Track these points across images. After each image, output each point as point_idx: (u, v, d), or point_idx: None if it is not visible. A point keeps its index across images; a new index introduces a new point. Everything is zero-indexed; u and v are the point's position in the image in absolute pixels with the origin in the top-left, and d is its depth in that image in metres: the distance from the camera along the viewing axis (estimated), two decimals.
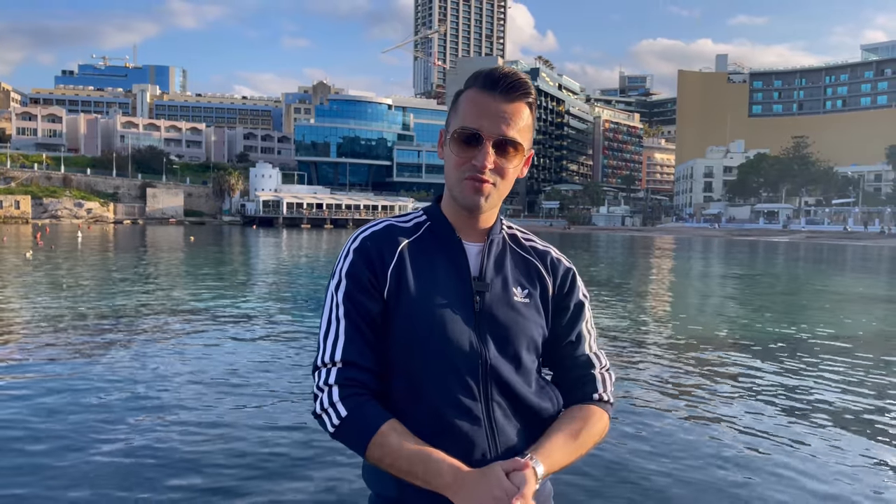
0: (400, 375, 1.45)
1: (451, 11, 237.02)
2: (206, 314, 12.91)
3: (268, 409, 6.66)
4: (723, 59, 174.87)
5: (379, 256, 1.47)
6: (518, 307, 1.50)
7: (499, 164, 1.43)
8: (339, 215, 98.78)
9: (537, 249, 1.61)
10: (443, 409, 1.42)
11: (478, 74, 1.47)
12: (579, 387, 1.56)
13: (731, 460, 5.42)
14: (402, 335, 1.44)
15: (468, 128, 1.42)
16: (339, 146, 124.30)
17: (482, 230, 1.54)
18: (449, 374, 1.43)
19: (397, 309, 1.45)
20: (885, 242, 65.70)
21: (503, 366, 1.46)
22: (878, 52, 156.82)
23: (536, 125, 22.46)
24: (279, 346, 10.01)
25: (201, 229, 71.53)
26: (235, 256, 33.49)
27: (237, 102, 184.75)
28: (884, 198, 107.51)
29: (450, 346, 1.43)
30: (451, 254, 1.51)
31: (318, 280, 21.04)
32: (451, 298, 1.46)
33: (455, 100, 1.50)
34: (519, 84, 1.43)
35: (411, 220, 1.58)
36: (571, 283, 1.60)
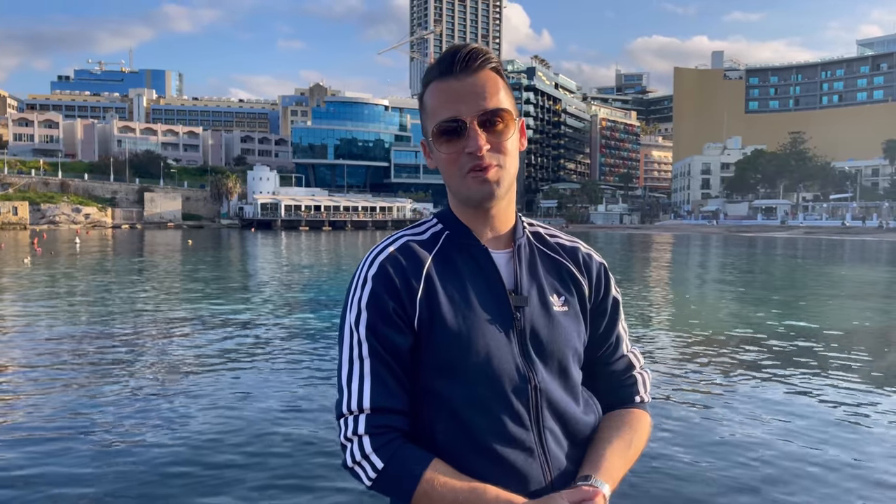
0: (441, 409, 1.30)
1: (447, 12, 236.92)
2: (207, 320, 12.89)
3: (281, 416, 6.64)
4: (718, 55, 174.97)
5: (404, 282, 1.31)
6: (559, 318, 1.37)
7: (493, 142, 1.29)
8: (337, 217, 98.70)
9: (565, 247, 1.48)
10: (493, 442, 1.28)
11: (432, 67, 1.33)
12: (621, 390, 1.48)
13: (756, 459, 5.41)
14: (442, 366, 1.30)
15: (445, 119, 1.28)
16: (337, 148, 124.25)
17: (505, 233, 1.40)
18: (497, 405, 1.29)
19: (431, 338, 1.29)
20: (884, 237, 65.76)
21: (552, 386, 1.34)
22: (873, 47, 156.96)
23: (533, 124, 22.41)
24: (286, 353, 10.00)
25: (199, 233, 71.47)
26: (234, 260, 33.47)
27: (234, 105, 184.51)
28: (881, 192, 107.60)
29: (496, 373, 1.29)
30: (480, 267, 1.36)
31: (319, 283, 21.02)
32: (491, 319, 1.31)
33: (421, 102, 1.37)
34: (475, 54, 1.30)
35: (426, 229, 1.42)
36: (606, 282, 1.48)
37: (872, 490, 4.87)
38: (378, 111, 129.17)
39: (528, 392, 1.30)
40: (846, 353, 9.88)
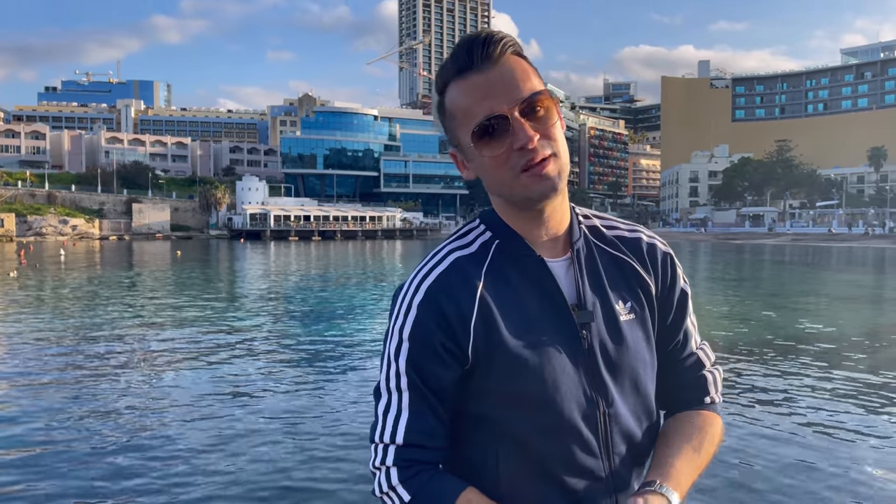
0: (503, 437, 1.21)
1: (436, 22, 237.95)
2: (196, 333, 12.81)
3: (276, 431, 6.60)
4: (705, 64, 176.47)
5: (456, 310, 1.18)
6: (627, 329, 1.25)
7: (541, 131, 1.13)
8: (327, 227, 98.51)
9: (626, 239, 1.32)
10: (560, 472, 1.20)
11: (445, 66, 1.18)
12: (690, 391, 1.34)
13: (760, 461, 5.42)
14: (503, 394, 1.19)
15: (483, 118, 1.13)
16: (326, 158, 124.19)
17: (561, 235, 1.25)
18: (564, 433, 1.19)
19: (490, 366, 1.18)
20: (870, 243, 66.31)
21: (624, 409, 1.23)
22: (857, 56, 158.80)
23: None
24: (282, 366, 9.95)
25: (188, 244, 71.12)
26: (223, 272, 33.31)
27: (222, 116, 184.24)
28: (867, 199, 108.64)
29: (562, 400, 1.19)
30: (538, 282, 1.22)
31: (307, 295, 20.95)
32: (554, 340, 1.20)
33: (441, 108, 1.21)
34: (493, 40, 1.15)
35: (473, 239, 1.26)
36: (672, 273, 1.32)
37: (850, 492, 4.89)
38: (367, 121, 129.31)
39: (598, 418, 1.21)
40: (835, 355, 9.94)
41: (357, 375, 9.11)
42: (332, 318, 14.74)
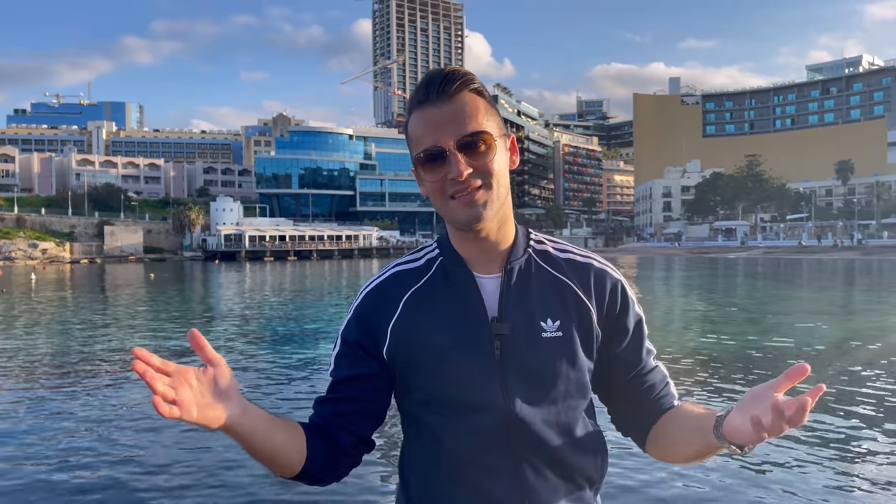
0: (420, 434, 1.34)
1: (409, 41, 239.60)
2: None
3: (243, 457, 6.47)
4: (675, 81, 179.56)
5: (377, 313, 1.33)
6: (549, 345, 1.29)
7: (476, 165, 1.24)
8: (302, 247, 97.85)
9: (575, 263, 1.38)
10: (469, 474, 1.28)
11: (411, 96, 1.31)
12: (662, 399, 1.40)
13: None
14: (416, 393, 1.31)
15: (425, 148, 1.25)
16: (301, 177, 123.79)
17: (497, 255, 1.34)
18: (471, 435, 1.27)
19: (407, 366, 1.31)
20: (838, 255, 67.54)
21: (536, 419, 1.27)
22: (822, 72, 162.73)
23: None
24: (255, 389, 9.80)
25: (162, 266, 70.22)
26: (198, 293, 32.91)
27: (196, 137, 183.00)
28: (835, 212, 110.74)
29: (469, 404, 1.27)
30: (463, 294, 1.32)
31: (282, 316, 20.77)
32: (466, 348, 1.28)
33: (406, 132, 1.33)
34: (451, 77, 1.26)
35: (423, 256, 1.41)
36: (623, 299, 1.37)
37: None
38: (342, 140, 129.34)
39: (506, 424, 1.26)
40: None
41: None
42: (305, 338, 14.60)
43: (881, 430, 7.01)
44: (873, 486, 5.37)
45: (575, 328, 1.32)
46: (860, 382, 9.24)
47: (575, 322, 1.32)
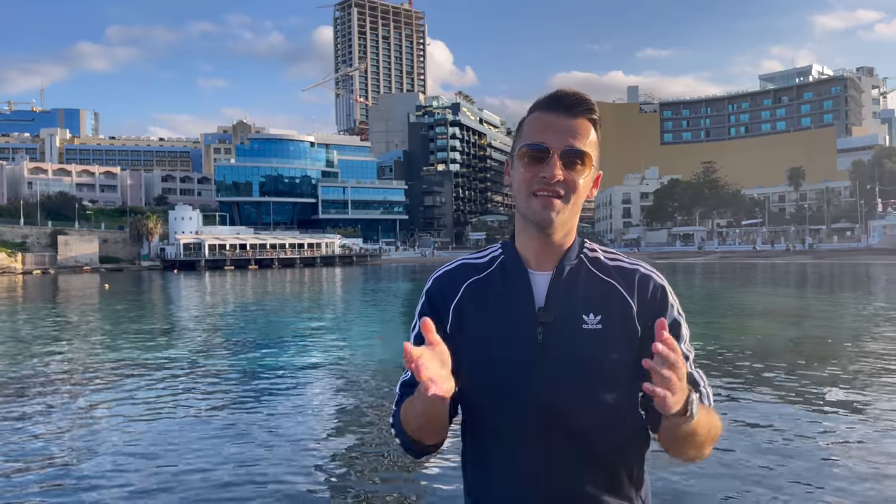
0: (467, 407, 1.50)
1: (371, 49, 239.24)
2: (123, 367, 12.38)
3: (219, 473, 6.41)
4: (634, 90, 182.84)
5: (443, 295, 1.52)
6: (589, 336, 1.43)
7: (568, 178, 1.40)
8: (263, 255, 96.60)
9: (623, 269, 1.52)
10: (501, 448, 1.44)
11: (540, 99, 1.47)
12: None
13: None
14: (464, 373, 1.43)
15: (534, 142, 1.41)
16: (262, 185, 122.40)
17: (554, 257, 1.50)
18: (508, 414, 1.42)
19: (460, 346, 1.44)
20: (791, 259, 69.43)
21: (568, 401, 1.40)
22: (774, 81, 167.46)
23: (459, 158, 22.87)
24: (206, 399, 9.69)
25: (118, 276, 68.69)
26: (155, 303, 32.31)
27: (154, 144, 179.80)
28: (787, 217, 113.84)
29: (507, 383, 1.42)
30: (515, 286, 1.49)
31: (241, 324, 20.55)
32: (512, 333, 1.44)
33: (519, 125, 1.50)
34: (581, 100, 1.43)
35: (487, 254, 1.58)
36: (662, 301, 1.49)
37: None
38: (304, 147, 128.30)
39: (538, 404, 1.40)
40: (764, 366, 10.31)
41: (291, 405, 8.97)
42: (266, 348, 14.48)
43: (832, 418, 7.27)
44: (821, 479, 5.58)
45: (616, 324, 1.44)
46: (814, 378, 9.55)
47: (616, 318, 1.44)
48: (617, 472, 1.44)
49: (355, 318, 22.71)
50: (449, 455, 5.75)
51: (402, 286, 42.48)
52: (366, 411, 8.64)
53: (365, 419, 8.22)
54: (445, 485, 5.69)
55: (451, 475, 5.82)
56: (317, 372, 11.59)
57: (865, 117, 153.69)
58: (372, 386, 10.25)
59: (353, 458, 6.66)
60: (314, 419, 8.23)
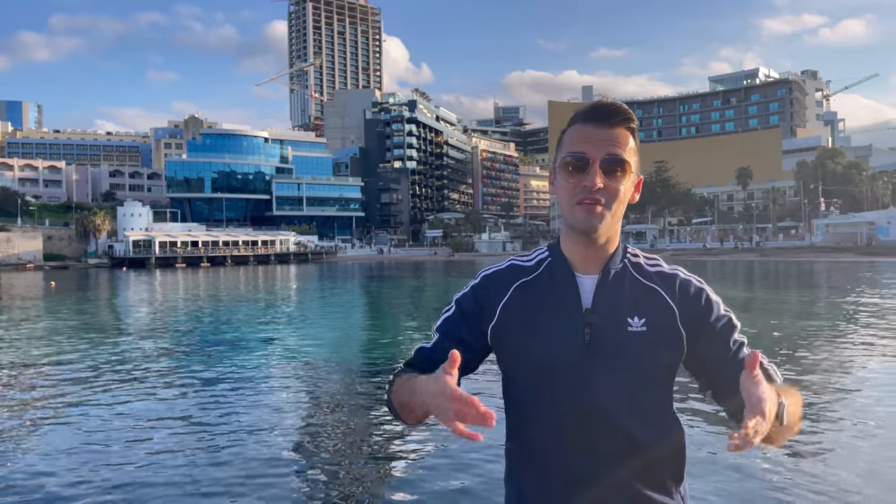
0: (510, 401, 1.57)
1: (326, 44, 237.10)
2: (68, 370, 11.97)
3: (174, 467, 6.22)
4: (588, 90, 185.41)
5: (490, 294, 1.58)
6: (633, 337, 1.49)
7: (609, 185, 1.46)
8: (216, 252, 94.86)
9: (663, 274, 1.58)
10: (546, 442, 1.49)
11: (578, 112, 1.53)
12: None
13: None
14: (513, 369, 1.53)
15: (574, 152, 1.47)
16: (214, 181, 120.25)
17: (600, 261, 1.55)
18: (553, 409, 1.48)
19: (506, 344, 1.53)
20: (739, 257, 71.36)
21: (614, 400, 1.46)
22: (723, 83, 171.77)
23: (416, 155, 22.86)
24: (161, 405, 9.43)
25: (64, 274, 66.57)
26: (102, 302, 31.41)
27: (101, 139, 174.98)
28: (736, 216, 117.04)
29: (554, 380, 1.48)
30: (562, 288, 1.54)
31: (192, 323, 20.12)
32: (560, 333, 1.50)
33: (560, 137, 1.57)
34: (618, 111, 1.49)
35: (535, 257, 1.64)
36: (707, 303, 1.55)
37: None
38: (258, 143, 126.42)
39: (584, 401, 1.46)
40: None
41: (243, 407, 8.79)
42: (223, 348, 14.19)
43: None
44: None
45: (659, 327, 1.50)
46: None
47: (660, 322, 1.50)
48: (658, 467, 1.49)
49: (312, 316, 22.46)
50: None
51: (359, 284, 42.23)
52: (325, 411, 8.53)
53: (326, 420, 8.11)
54: (484, 474, 5.64)
55: (490, 465, 5.75)
56: (271, 371, 11.40)
57: (809, 119, 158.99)
58: (330, 384, 10.13)
59: (316, 453, 6.56)
60: (269, 416, 8.09)
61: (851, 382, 9.49)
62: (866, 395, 8.63)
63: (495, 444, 6.52)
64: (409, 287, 37.95)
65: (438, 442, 6.81)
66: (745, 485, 5.45)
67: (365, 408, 8.58)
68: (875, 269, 43.70)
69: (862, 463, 5.96)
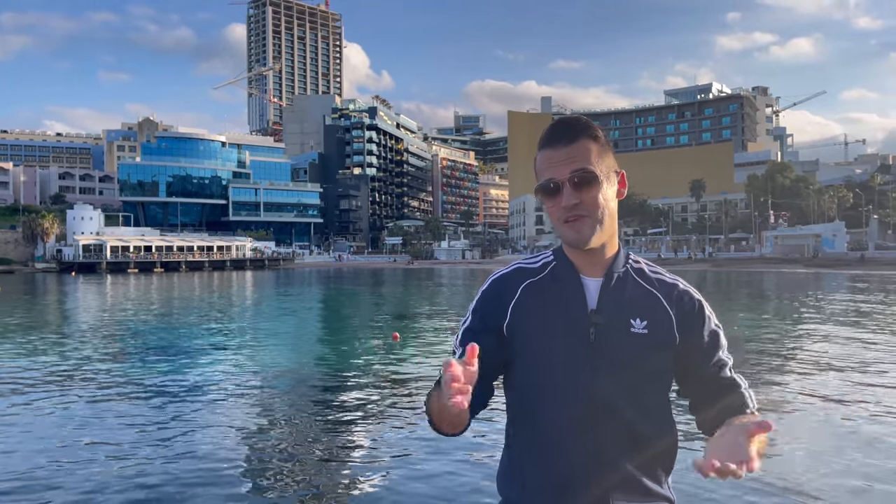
0: (516, 401, 1.63)
1: (286, 49, 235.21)
2: (11, 378, 11.59)
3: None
4: (547, 101, 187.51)
5: (504, 294, 1.64)
6: (636, 339, 1.56)
7: (585, 198, 1.54)
8: (170, 258, 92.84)
9: (664, 282, 1.66)
10: (551, 434, 1.56)
11: (541, 137, 1.62)
12: (731, 407, 1.57)
13: None
14: (521, 365, 1.60)
15: (543, 180, 1.57)
16: (169, 185, 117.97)
17: (603, 265, 1.62)
18: (559, 403, 1.55)
19: (517, 341, 1.60)
20: (693, 267, 72.87)
21: (617, 396, 1.53)
22: (678, 97, 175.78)
23: (376, 162, 22.87)
24: (111, 416, 9.19)
25: (9, 279, 64.37)
26: (49, 308, 30.47)
27: (50, 139, 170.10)
28: (689, 227, 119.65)
29: (560, 376, 1.55)
30: (568, 289, 1.61)
31: (143, 330, 19.68)
32: (565, 331, 1.56)
33: (535, 166, 1.64)
34: (569, 127, 1.57)
35: (540, 260, 1.70)
36: (700, 314, 1.63)
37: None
38: (214, 147, 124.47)
39: (589, 397, 1.53)
40: None
41: (196, 415, 8.63)
42: (175, 356, 13.91)
43: None
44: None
45: (659, 330, 1.58)
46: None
47: (659, 325, 1.59)
48: (653, 458, 1.58)
49: (267, 324, 22.17)
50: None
51: (315, 291, 41.83)
52: (279, 420, 8.43)
53: (282, 427, 8.01)
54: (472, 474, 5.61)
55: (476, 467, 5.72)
56: (222, 381, 11.21)
57: (760, 134, 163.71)
58: (286, 394, 10.01)
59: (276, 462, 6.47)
60: (224, 430, 7.95)
61: (802, 386, 9.79)
62: (814, 400, 8.90)
63: (458, 454, 6.52)
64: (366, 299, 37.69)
65: (401, 447, 6.79)
66: (716, 482, 5.57)
67: (313, 415, 8.50)
68: (820, 280, 45.15)
69: (814, 462, 6.15)
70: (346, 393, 9.93)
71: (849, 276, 49.93)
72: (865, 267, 62.11)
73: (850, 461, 6.27)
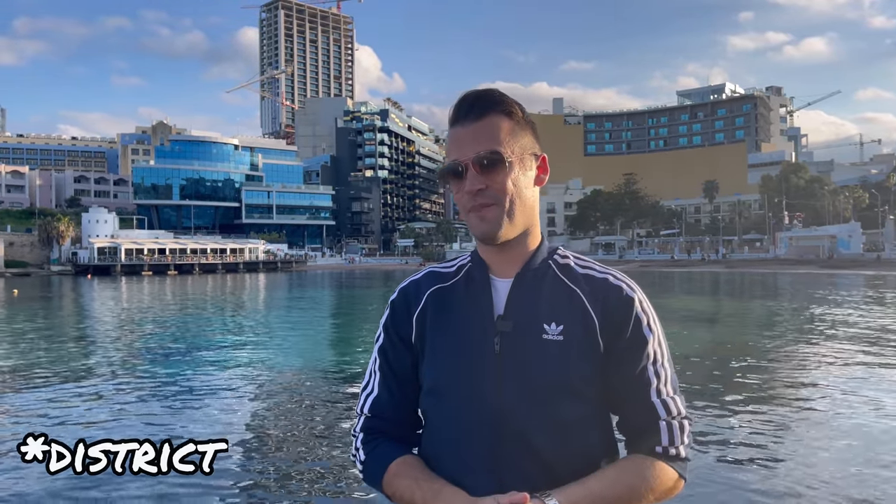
0: (426, 420, 1.46)
1: (298, 52, 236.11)
2: (36, 379, 11.75)
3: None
4: (559, 102, 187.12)
5: (411, 303, 1.46)
6: (548, 346, 1.34)
7: (491, 183, 1.32)
8: (184, 260, 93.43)
9: (592, 277, 1.41)
10: (453, 453, 1.37)
11: (450, 114, 1.41)
12: (640, 438, 1.36)
13: None
14: (426, 380, 1.42)
15: (449, 162, 1.36)
16: (183, 188, 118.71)
17: (517, 263, 1.42)
18: (460, 421, 1.36)
19: (423, 354, 1.43)
20: (706, 268, 72.52)
21: (522, 413, 1.32)
22: (691, 97, 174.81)
23: (388, 164, 22.76)
24: (128, 411, 9.31)
25: (26, 281, 65.07)
26: (67, 310, 30.79)
27: (66, 143, 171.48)
28: (703, 228, 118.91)
29: (461, 391, 1.36)
30: (474, 293, 1.42)
31: (164, 335, 19.87)
32: (470, 342, 1.37)
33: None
34: (476, 100, 1.36)
35: (456, 263, 1.52)
36: (627, 314, 1.37)
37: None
38: (227, 150, 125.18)
39: (492, 414, 1.33)
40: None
41: (207, 415, 8.72)
42: (183, 359, 14.03)
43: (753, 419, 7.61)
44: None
45: (578, 335, 1.34)
46: (734, 379, 9.97)
47: (579, 330, 1.35)
48: (565, 480, 1.30)
49: (279, 327, 22.29)
50: None
51: (327, 293, 41.96)
52: (296, 427, 8.49)
53: (295, 434, 8.07)
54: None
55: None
56: (238, 383, 11.30)
57: (774, 134, 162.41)
58: (298, 392, 10.08)
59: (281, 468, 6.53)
60: (238, 431, 8.03)
61: (812, 392, 9.73)
62: (826, 403, 8.86)
63: None
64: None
65: None
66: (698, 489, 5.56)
67: (327, 417, 8.55)
68: (836, 281, 44.78)
69: (819, 470, 6.13)
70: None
71: (865, 277, 49.49)
72: (882, 268, 61.52)
73: (860, 463, 6.24)
